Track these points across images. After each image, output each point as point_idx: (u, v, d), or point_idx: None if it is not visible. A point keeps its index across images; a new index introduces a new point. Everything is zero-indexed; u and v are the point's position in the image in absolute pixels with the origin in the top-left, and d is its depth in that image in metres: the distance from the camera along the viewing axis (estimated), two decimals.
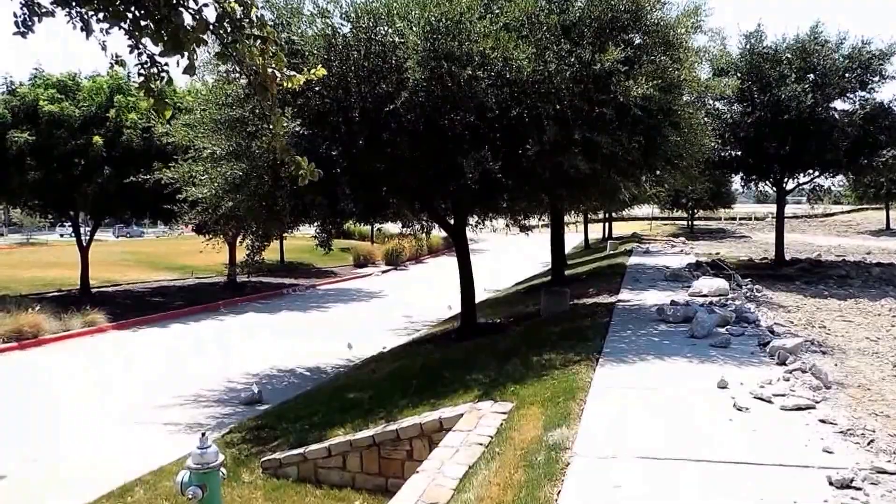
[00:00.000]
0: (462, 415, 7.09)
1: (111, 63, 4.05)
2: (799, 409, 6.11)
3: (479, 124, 10.00)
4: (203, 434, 5.51)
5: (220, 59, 4.07)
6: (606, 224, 51.12)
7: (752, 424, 5.74)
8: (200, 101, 11.83)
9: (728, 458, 5.05)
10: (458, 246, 13.69)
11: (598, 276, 20.91)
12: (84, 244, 24.25)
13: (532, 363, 8.75)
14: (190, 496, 5.10)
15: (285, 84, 4.15)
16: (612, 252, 32.51)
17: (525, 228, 15.67)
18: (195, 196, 11.48)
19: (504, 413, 6.85)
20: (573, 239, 43.42)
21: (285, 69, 4.25)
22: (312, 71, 4.34)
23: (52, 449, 9.53)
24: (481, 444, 5.99)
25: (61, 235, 58.71)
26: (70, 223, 25.55)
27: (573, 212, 24.35)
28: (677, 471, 4.85)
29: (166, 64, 3.92)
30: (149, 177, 12.69)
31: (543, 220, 23.60)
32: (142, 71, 3.92)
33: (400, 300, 24.07)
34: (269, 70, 4.01)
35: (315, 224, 12.30)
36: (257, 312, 22.18)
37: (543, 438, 5.62)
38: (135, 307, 21.81)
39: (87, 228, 26.28)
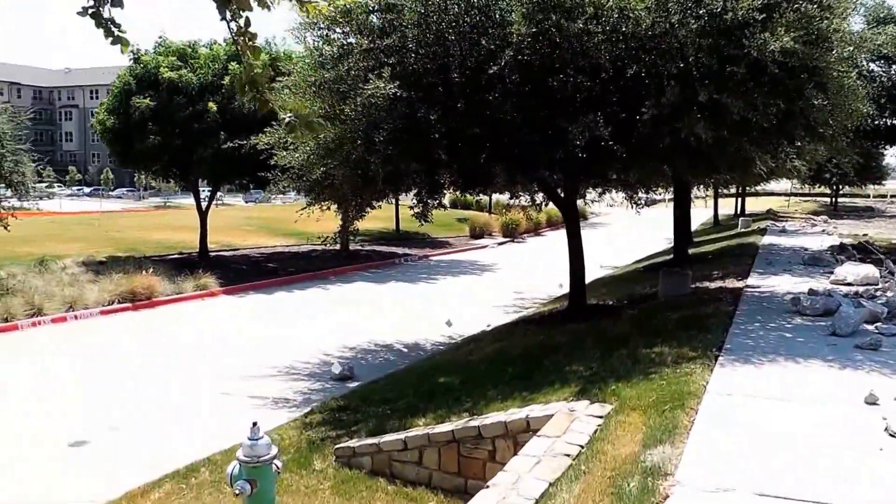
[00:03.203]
0: (552, 415, 6.27)
1: None
2: None
3: (589, 85, 8.92)
4: (254, 424, 5.02)
5: None
6: (738, 199, 47.05)
7: None
8: (298, 63, 11.54)
9: (878, 502, 3.97)
10: (568, 220, 12.70)
11: (725, 256, 19.23)
12: (203, 208, 24.75)
13: (640, 356, 7.73)
14: (238, 491, 4.61)
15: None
16: (743, 230, 30.23)
17: (638, 203, 14.27)
18: (287, 162, 11.22)
19: (600, 417, 5.94)
20: (702, 214, 40.92)
21: None
22: None
23: (135, 417, 9.50)
24: (568, 456, 5.13)
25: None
26: (189, 187, 26.33)
27: (701, 186, 22.57)
28: None
29: None
30: (245, 142, 12.55)
31: (669, 194, 22.04)
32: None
33: (512, 274, 23.25)
34: None
35: (412, 194, 11.72)
36: (365, 282, 21.99)
37: (641, 458, 4.69)
38: (247, 273, 22.12)
39: (216, 192, 27.01)
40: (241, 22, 3.30)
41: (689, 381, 6.31)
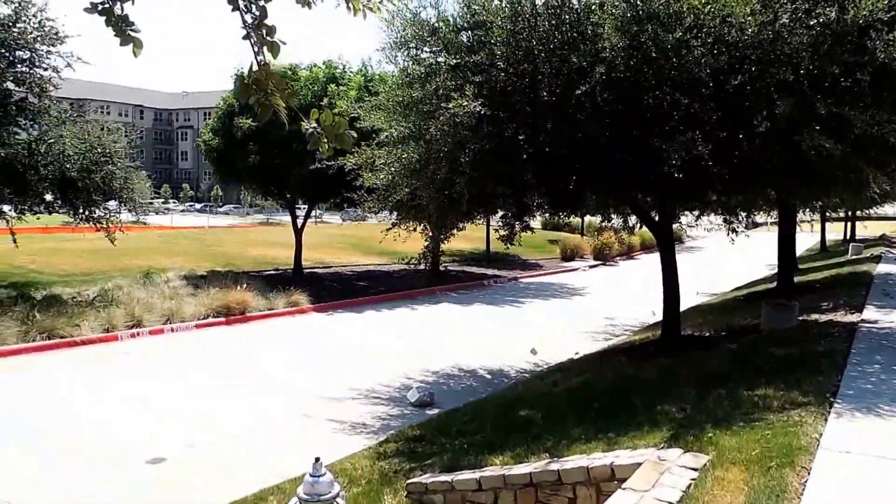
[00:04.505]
0: (640, 464, 5.61)
1: None
2: None
3: (687, 102, 8.19)
4: (317, 459, 4.70)
5: None
6: (848, 223, 43.65)
7: None
8: (388, 84, 11.43)
9: None
10: (662, 244, 11.89)
11: (835, 286, 17.75)
12: (298, 226, 25.05)
13: (741, 399, 6.90)
14: None
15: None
16: (854, 257, 27.89)
17: (736, 230, 13.24)
18: (372, 182, 11.07)
19: (694, 470, 5.23)
20: (808, 240, 38.42)
21: None
22: None
23: (214, 434, 9.39)
24: None
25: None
26: (286, 205, 26.62)
27: (808, 209, 21.04)
28: None
29: None
30: (332, 163, 12.56)
31: (771, 217, 20.60)
32: None
33: (603, 299, 22.25)
34: None
35: (499, 216, 11.32)
36: (451, 303, 21.60)
37: None
38: (338, 290, 22.10)
39: (314, 210, 27.47)
40: (257, 12, 2.91)
41: (799, 433, 5.47)
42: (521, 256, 32.06)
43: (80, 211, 17.42)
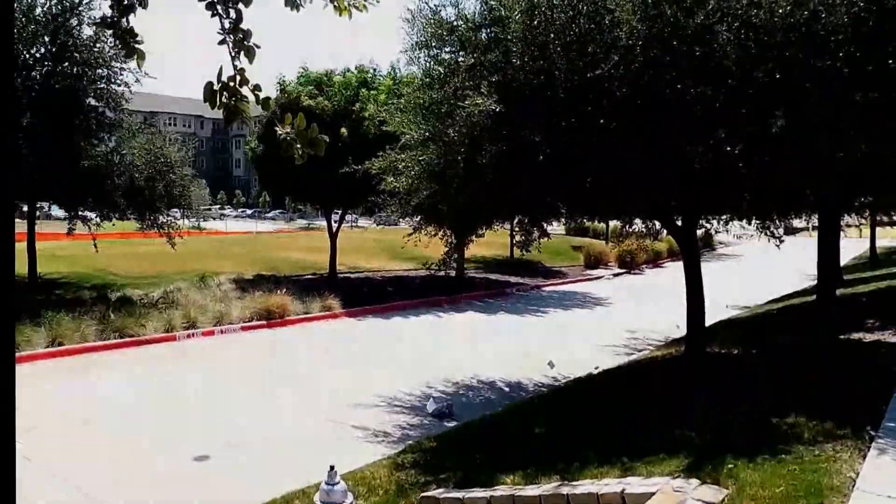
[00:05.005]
0: (653, 493, 5.11)
1: None
2: None
3: (711, 94, 7.65)
4: (332, 468, 4.78)
5: None
6: None
7: None
8: (412, 86, 11.43)
9: None
10: (686, 253, 11.30)
11: (885, 299, 16.59)
12: (333, 231, 25.39)
13: (768, 426, 6.38)
14: None
15: None
16: None
17: (774, 234, 12.43)
18: (393, 186, 10.91)
19: None
20: (855, 247, 36.78)
21: None
22: None
23: (252, 434, 9.73)
24: None
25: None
26: (323, 211, 27.26)
27: (854, 213, 19.76)
28: None
29: None
30: (359, 168, 12.50)
31: (814, 220, 19.15)
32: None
33: (626, 310, 21.42)
34: None
35: (515, 222, 10.98)
36: (476, 311, 21.40)
37: None
38: (367, 295, 22.19)
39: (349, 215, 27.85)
40: (234, 16, 2.89)
41: (832, 470, 4.90)
42: (543, 263, 31.55)
43: (147, 217, 19.14)
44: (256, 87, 2.98)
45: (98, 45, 17.07)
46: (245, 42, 2.90)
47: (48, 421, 9.87)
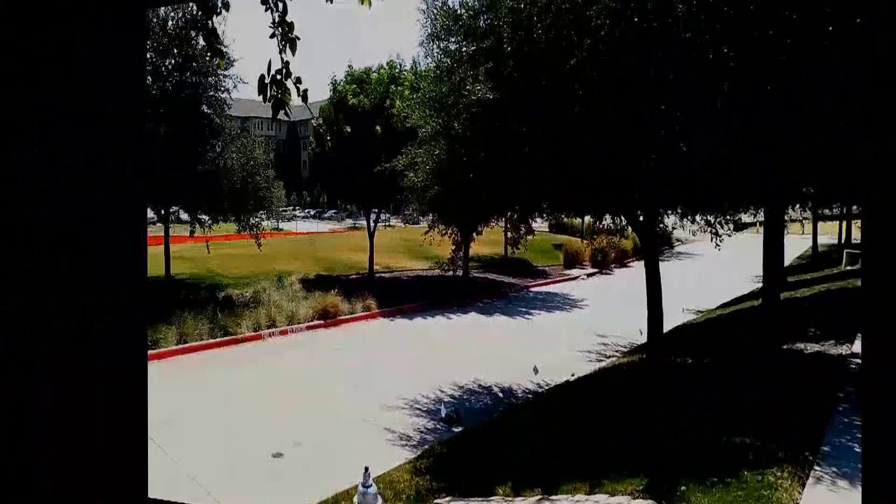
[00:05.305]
0: None
1: None
2: None
3: (700, 84, 7.58)
4: (366, 469, 5.27)
5: None
6: (843, 224, 35.78)
7: None
8: (427, 80, 11.58)
9: None
10: (646, 251, 11.36)
11: (825, 304, 16.45)
12: (371, 230, 26.15)
13: (715, 445, 7.09)
14: None
15: None
16: (849, 268, 24.07)
17: (719, 233, 12.64)
18: (412, 182, 11.06)
19: None
20: (798, 244, 36.80)
21: None
22: None
23: (313, 434, 10.75)
24: None
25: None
26: (363, 210, 27.93)
27: (797, 205, 19.83)
28: None
29: None
30: (387, 165, 12.78)
31: (761, 215, 19.22)
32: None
33: (597, 314, 21.66)
34: None
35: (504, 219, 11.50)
36: (478, 313, 22.49)
37: None
38: (396, 296, 23.33)
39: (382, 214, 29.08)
40: (280, 8, 2.86)
41: (773, 498, 5.46)
42: (531, 262, 32.37)
43: (242, 219, 20.12)
44: (298, 80, 2.96)
45: (208, 53, 17.39)
46: (289, 35, 2.87)
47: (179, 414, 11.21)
